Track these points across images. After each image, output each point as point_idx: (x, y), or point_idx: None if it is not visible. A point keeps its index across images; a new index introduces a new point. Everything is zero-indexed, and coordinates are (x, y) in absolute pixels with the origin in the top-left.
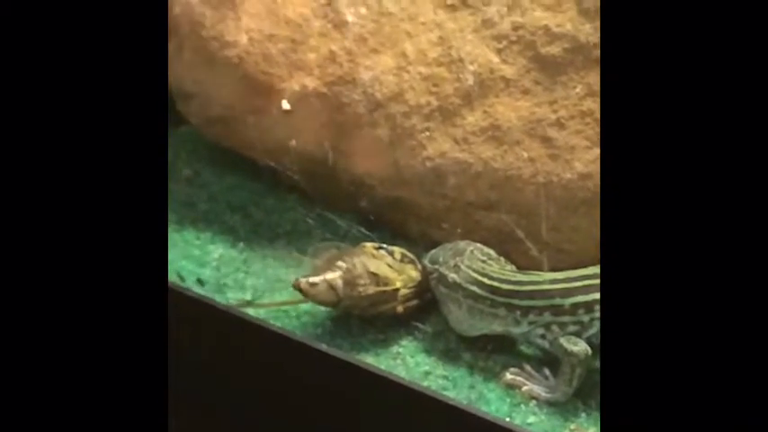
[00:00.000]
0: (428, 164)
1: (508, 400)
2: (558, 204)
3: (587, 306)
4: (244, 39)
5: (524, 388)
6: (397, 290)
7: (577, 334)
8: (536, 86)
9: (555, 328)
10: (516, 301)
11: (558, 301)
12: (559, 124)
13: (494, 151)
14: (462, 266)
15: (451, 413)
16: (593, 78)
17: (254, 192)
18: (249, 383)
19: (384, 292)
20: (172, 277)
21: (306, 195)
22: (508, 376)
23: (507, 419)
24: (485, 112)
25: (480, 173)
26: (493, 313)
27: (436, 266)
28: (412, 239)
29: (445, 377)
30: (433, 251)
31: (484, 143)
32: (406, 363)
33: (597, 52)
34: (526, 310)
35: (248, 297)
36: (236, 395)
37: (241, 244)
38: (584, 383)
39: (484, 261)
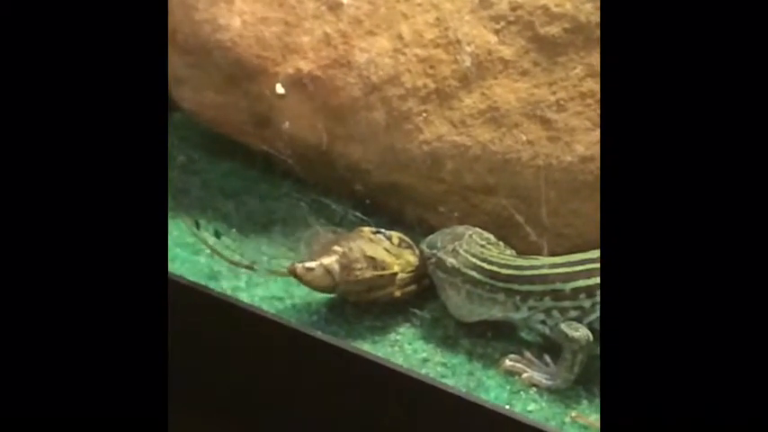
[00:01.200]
0: (425, 147)
1: (508, 387)
2: (558, 188)
3: (588, 291)
4: (237, 22)
5: (524, 375)
6: (395, 274)
7: (578, 319)
8: (535, 68)
9: (555, 313)
10: (516, 286)
11: (558, 285)
12: (559, 106)
13: (492, 134)
14: (461, 251)
15: (450, 401)
16: (594, 59)
17: (248, 178)
18: (244, 371)
19: (381, 276)
20: (171, 267)
21: (300, 181)
22: (507, 363)
23: (507, 407)
24: (483, 94)
25: (478, 156)
26: (492, 298)
27: (434, 251)
28: (409, 225)
29: (444, 364)
30: (431, 236)
31: (482, 126)
32: (404, 350)
33: (598, 32)
34: (526, 295)
35: (242, 284)
36: (231, 383)
37: (234, 230)
38: (585, 370)
39: (483, 246)
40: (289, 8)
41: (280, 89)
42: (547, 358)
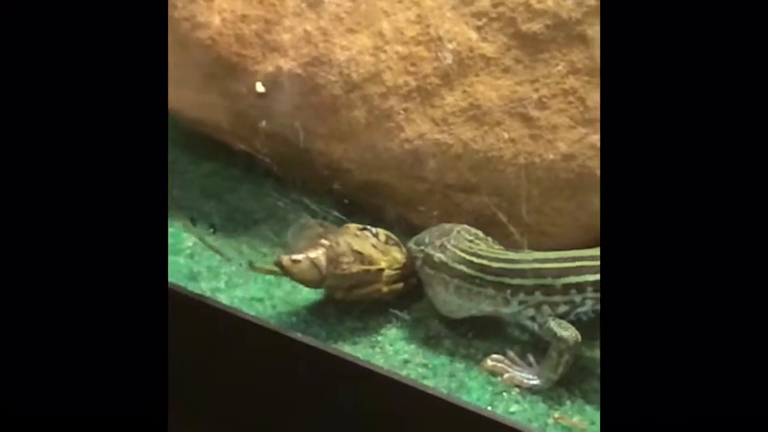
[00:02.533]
0: (406, 146)
1: (490, 388)
2: (541, 186)
3: (579, 287)
4: (216, 19)
5: (506, 375)
6: (382, 270)
7: (567, 313)
8: (517, 65)
9: (546, 308)
10: (506, 280)
11: (549, 280)
12: (541, 103)
13: (474, 132)
14: (449, 246)
15: (431, 402)
16: (576, 56)
17: (229, 178)
18: (222, 373)
19: (368, 271)
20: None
21: (282, 181)
22: (489, 362)
23: (489, 408)
24: (464, 91)
25: (460, 154)
26: (481, 293)
27: (422, 248)
28: (390, 224)
29: (425, 365)
30: (419, 234)
31: (464, 124)
32: (385, 351)
33: (580, 28)
34: (516, 290)
35: (222, 285)
36: (209, 385)
37: (216, 230)
38: (567, 371)
39: (471, 241)
40: (269, 5)
41: (260, 88)
42: (530, 358)
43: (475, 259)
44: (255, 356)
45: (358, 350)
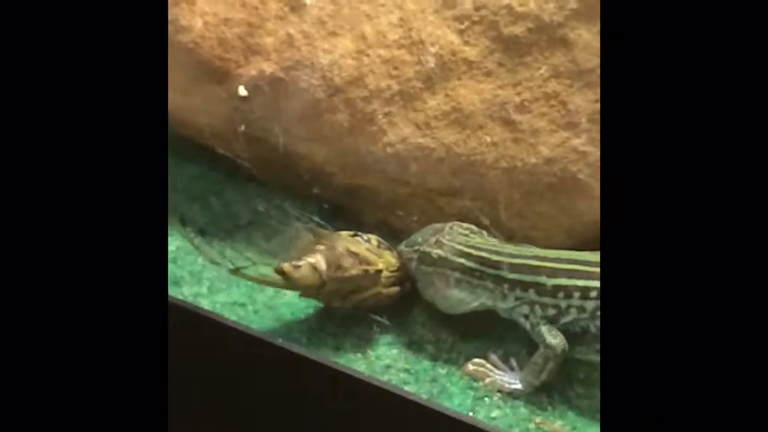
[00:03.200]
0: (389, 150)
1: (472, 393)
2: (523, 190)
3: (567, 291)
4: (198, 23)
5: (487, 380)
6: (380, 271)
7: (555, 318)
8: (499, 68)
9: (537, 309)
10: (504, 274)
11: (542, 279)
12: (523, 107)
13: (456, 136)
14: (445, 241)
15: (412, 408)
16: (558, 59)
17: (213, 181)
18: (205, 378)
19: (367, 272)
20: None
21: (265, 185)
22: (470, 367)
23: (470, 414)
24: (447, 95)
25: (443, 158)
26: (482, 285)
27: (416, 248)
28: (374, 228)
29: (407, 370)
30: (409, 237)
31: (446, 128)
32: (367, 356)
33: (562, 32)
34: (513, 284)
35: (204, 290)
36: (192, 390)
37: (198, 235)
38: (550, 378)
39: (467, 235)
40: (251, 9)
41: (242, 91)
42: (513, 362)
43: (474, 251)
44: (236, 362)
45: (340, 356)
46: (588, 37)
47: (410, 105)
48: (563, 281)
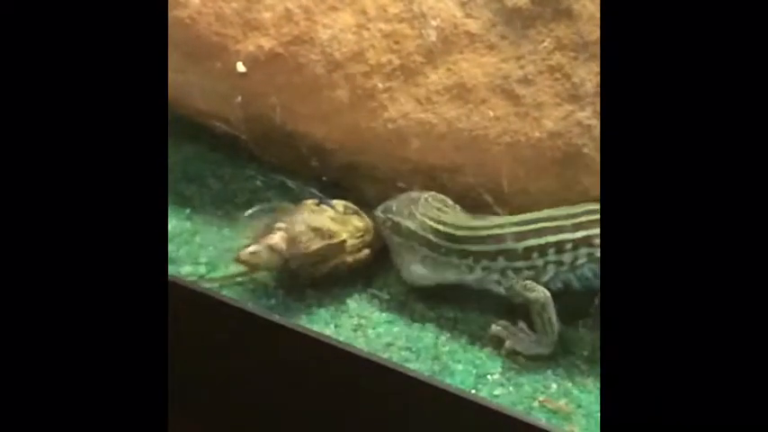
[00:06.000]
0: (390, 126)
1: (474, 371)
2: (527, 165)
3: (540, 250)
4: None
5: (507, 343)
6: (344, 241)
7: (534, 279)
8: (502, 41)
9: (510, 273)
10: (469, 247)
11: (510, 245)
12: (527, 80)
13: (458, 111)
14: (418, 214)
15: (414, 385)
16: (562, 31)
17: (211, 161)
18: (200, 356)
19: (330, 245)
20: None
21: (265, 163)
22: (495, 328)
23: (473, 392)
24: (448, 69)
25: (444, 134)
26: (447, 262)
27: (390, 216)
28: (374, 205)
29: (408, 348)
30: (387, 202)
31: (448, 102)
32: (367, 334)
33: (566, 3)
34: (479, 256)
35: (202, 270)
36: (188, 369)
37: (196, 215)
38: (553, 354)
39: (439, 209)
40: None
41: (241, 68)
42: (523, 325)
43: (441, 227)
44: (234, 340)
45: (340, 333)
46: (593, 8)
47: (411, 80)
48: (532, 241)
